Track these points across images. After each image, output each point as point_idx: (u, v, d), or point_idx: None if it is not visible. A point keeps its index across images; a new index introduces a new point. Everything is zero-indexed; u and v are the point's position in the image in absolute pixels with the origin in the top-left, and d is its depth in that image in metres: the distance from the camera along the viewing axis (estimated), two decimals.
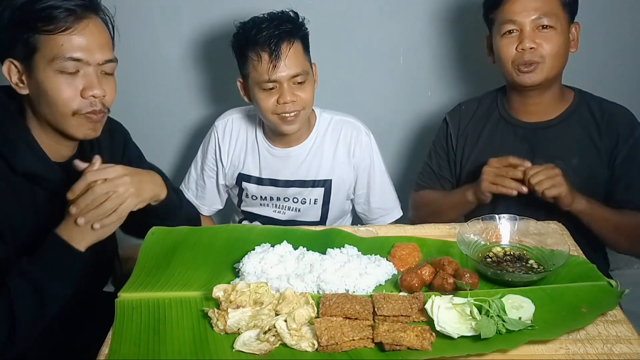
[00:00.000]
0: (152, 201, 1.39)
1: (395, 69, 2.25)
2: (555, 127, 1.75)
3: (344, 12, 2.16)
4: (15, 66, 1.32)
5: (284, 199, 1.95)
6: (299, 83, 1.75)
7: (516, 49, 1.69)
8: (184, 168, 2.14)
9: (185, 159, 2.31)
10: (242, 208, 2.04)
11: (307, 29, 1.80)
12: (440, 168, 1.94)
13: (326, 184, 1.93)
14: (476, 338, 1.10)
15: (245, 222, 2.05)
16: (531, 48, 1.66)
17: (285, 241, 1.38)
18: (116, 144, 1.59)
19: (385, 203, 2.00)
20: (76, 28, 1.30)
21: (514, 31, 1.69)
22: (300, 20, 1.79)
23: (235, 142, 1.95)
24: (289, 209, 1.97)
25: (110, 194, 1.27)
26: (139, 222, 1.40)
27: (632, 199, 1.70)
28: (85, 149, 1.47)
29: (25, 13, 1.28)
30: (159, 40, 2.19)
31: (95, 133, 1.38)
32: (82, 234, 1.27)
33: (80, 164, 1.32)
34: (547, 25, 1.66)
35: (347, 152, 1.92)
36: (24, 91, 1.34)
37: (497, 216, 1.43)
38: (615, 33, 2.19)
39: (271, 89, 1.74)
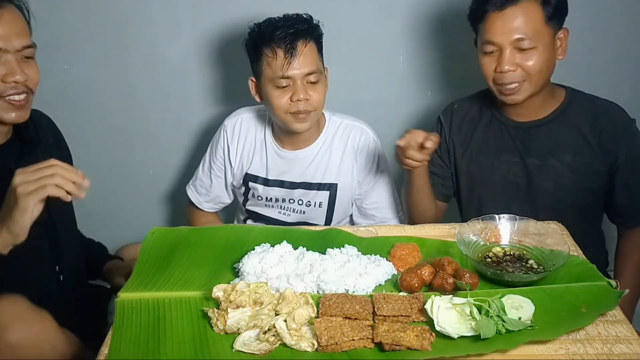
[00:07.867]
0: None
1: (395, 69, 2.25)
2: (547, 125, 1.75)
3: (343, 12, 2.16)
4: None
5: (290, 200, 1.95)
6: (312, 83, 1.76)
7: (495, 70, 1.66)
8: (193, 167, 2.14)
9: (195, 158, 2.31)
10: (247, 207, 2.03)
11: (321, 30, 1.80)
12: (433, 164, 1.89)
13: (332, 188, 1.92)
14: (476, 338, 1.10)
15: (249, 222, 2.05)
16: (510, 70, 1.63)
17: (285, 241, 1.38)
18: (51, 139, 1.63)
19: (379, 212, 1.97)
20: None
21: (494, 51, 1.66)
22: (315, 22, 1.79)
23: (244, 141, 1.95)
24: (294, 211, 1.96)
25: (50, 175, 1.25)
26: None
27: (629, 203, 1.72)
28: (22, 137, 1.50)
29: None
30: (167, 40, 2.19)
31: (23, 117, 1.44)
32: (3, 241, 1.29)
33: None
34: (527, 48, 1.62)
35: (353, 156, 1.92)
36: None
37: (496, 216, 1.43)
38: (612, 33, 2.19)
39: (285, 86, 1.74)
